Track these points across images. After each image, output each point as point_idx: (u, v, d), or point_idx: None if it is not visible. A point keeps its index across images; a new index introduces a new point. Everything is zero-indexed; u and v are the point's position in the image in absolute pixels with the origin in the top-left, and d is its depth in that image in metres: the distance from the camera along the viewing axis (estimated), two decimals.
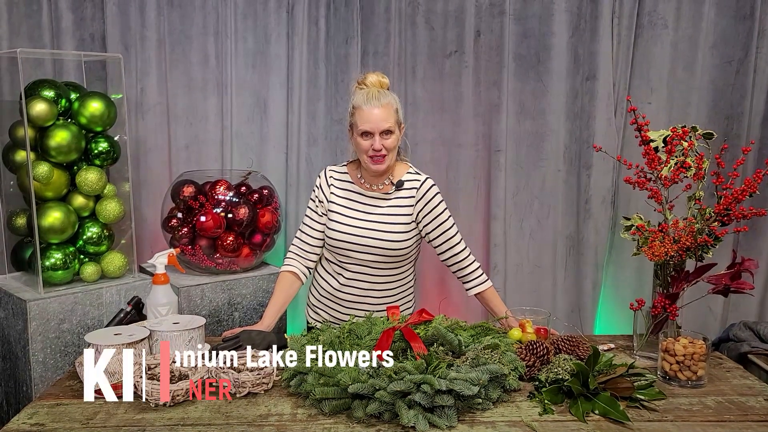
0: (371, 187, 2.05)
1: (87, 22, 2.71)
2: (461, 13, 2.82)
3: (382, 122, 1.91)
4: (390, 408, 1.40)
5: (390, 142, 1.94)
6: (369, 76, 1.98)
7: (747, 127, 2.84)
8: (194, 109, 2.82)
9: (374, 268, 2.05)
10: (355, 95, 1.98)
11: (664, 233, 1.78)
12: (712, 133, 1.88)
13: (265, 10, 2.79)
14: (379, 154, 1.94)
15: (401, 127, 2.00)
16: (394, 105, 1.95)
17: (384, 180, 2.05)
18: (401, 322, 1.68)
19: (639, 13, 2.80)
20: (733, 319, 2.91)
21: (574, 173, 2.93)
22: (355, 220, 2.03)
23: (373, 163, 1.95)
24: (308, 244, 2.11)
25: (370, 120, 1.91)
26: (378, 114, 1.91)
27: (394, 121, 1.94)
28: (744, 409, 1.51)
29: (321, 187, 2.10)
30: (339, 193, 2.07)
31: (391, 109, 1.93)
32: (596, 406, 1.47)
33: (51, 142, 2.27)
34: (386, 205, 2.03)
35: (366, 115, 1.92)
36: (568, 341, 1.75)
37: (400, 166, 2.08)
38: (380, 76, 1.99)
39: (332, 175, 2.10)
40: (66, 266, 2.34)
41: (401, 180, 2.04)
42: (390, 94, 1.97)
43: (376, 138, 1.92)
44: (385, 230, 2.00)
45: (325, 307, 2.14)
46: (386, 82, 1.99)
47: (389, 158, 1.96)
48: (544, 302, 2.96)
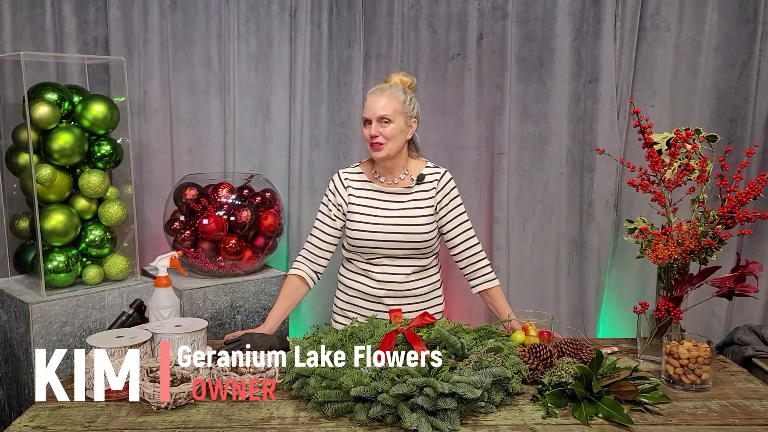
0: (388, 181, 2.09)
1: (90, 25, 2.71)
2: (464, 16, 2.82)
3: (379, 109, 1.97)
4: (393, 411, 1.40)
5: (388, 130, 1.98)
6: (393, 76, 2.08)
7: (750, 130, 2.83)
8: (197, 112, 2.82)
9: (403, 264, 2.08)
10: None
11: (668, 236, 1.78)
12: (715, 135, 1.88)
13: (267, 13, 2.79)
14: (375, 141, 1.98)
15: (411, 121, 2.04)
16: (400, 97, 2.00)
17: (399, 174, 2.09)
18: (404, 325, 1.68)
19: (641, 15, 2.80)
20: (737, 322, 2.89)
21: (577, 176, 2.92)
22: (379, 218, 2.05)
23: (372, 150, 2.00)
24: (319, 248, 2.12)
25: (369, 107, 1.99)
26: (376, 101, 1.98)
27: (393, 110, 1.98)
28: (749, 413, 1.50)
29: (337, 192, 2.11)
30: (358, 193, 2.09)
31: (393, 99, 1.98)
32: (600, 410, 1.46)
33: (54, 145, 2.27)
34: (408, 200, 2.07)
35: (367, 103, 2.01)
36: (572, 344, 1.74)
37: (417, 162, 2.13)
38: (403, 75, 2.08)
39: (347, 177, 2.12)
40: (68, 269, 2.34)
41: (422, 174, 2.09)
42: (399, 88, 2.02)
43: (373, 124, 1.98)
44: (409, 224, 2.04)
45: (356, 308, 2.14)
46: (407, 81, 2.07)
47: (388, 147, 1.99)
48: (547, 305, 2.95)
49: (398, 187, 2.08)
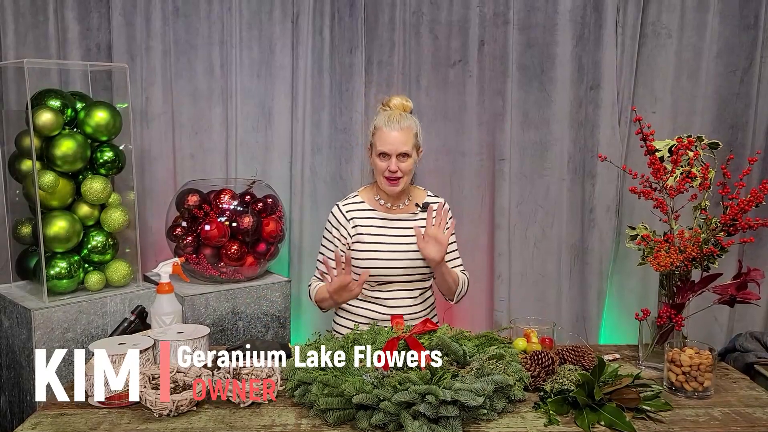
0: (392, 207, 2.08)
1: (93, 32, 2.72)
2: (465, 23, 2.83)
3: (401, 145, 1.96)
4: (395, 419, 1.40)
5: (406, 165, 1.98)
6: (393, 99, 2.04)
7: (752, 137, 2.84)
8: (199, 119, 2.83)
9: (411, 287, 2.08)
10: (377, 116, 2.03)
11: (670, 243, 1.78)
12: (717, 142, 1.88)
13: (270, 20, 2.80)
14: (394, 176, 1.98)
15: (419, 151, 2.05)
16: (414, 129, 2.00)
17: (404, 200, 2.10)
18: (405, 332, 1.68)
19: (643, 22, 2.80)
20: (739, 329, 2.89)
21: (578, 182, 2.93)
22: (390, 245, 2.05)
23: (389, 184, 2.00)
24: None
25: (389, 141, 1.96)
26: (397, 137, 1.96)
27: (412, 145, 1.98)
28: (751, 421, 1.50)
29: (341, 226, 2.07)
30: (363, 222, 2.07)
31: (410, 133, 1.98)
32: (602, 417, 1.46)
33: (57, 151, 2.28)
34: (414, 225, 2.05)
35: (385, 137, 1.96)
36: (574, 351, 1.74)
37: (417, 191, 2.15)
38: (404, 99, 2.05)
39: (349, 209, 2.08)
40: (71, 275, 2.34)
41: (426, 202, 2.10)
42: (411, 118, 2.02)
43: (393, 160, 1.96)
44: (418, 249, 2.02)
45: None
46: (409, 106, 2.05)
47: (404, 181, 2.00)
48: (549, 311, 2.95)
49: (403, 213, 2.09)
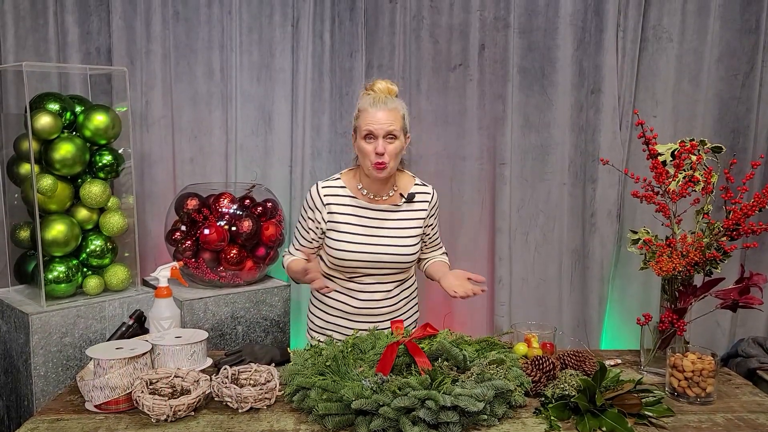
0: (375, 198, 1.98)
1: (93, 35, 2.72)
2: (466, 27, 2.83)
3: (387, 124, 1.85)
4: (394, 424, 1.38)
5: (393, 147, 1.87)
6: (378, 83, 1.93)
7: (753, 141, 2.83)
8: (199, 122, 2.83)
9: (386, 281, 2.03)
10: (361, 99, 1.93)
11: (672, 248, 1.77)
12: (720, 146, 1.87)
13: (270, 23, 2.80)
14: (381, 159, 1.86)
15: (407, 136, 1.95)
16: (401, 111, 1.90)
17: (389, 191, 2.00)
18: (405, 336, 1.67)
19: (644, 26, 2.80)
20: (742, 334, 2.88)
21: (579, 186, 2.92)
22: (365, 237, 1.96)
23: (376, 168, 1.87)
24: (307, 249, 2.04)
25: (375, 121, 1.85)
26: (383, 116, 1.85)
27: (400, 126, 1.88)
28: (754, 426, 1.49)
29: (316, 209, 2.00)
30: (340, 210, 1.98)
31: (397, 114, 1.88)
32: (603, 423, 1.45)
33: (55, 155, 2.27)
34: (396, 218, 1.99)
35: (371, 117, 1.86)
36: (575, 356, 1.73)
37: (405, 177, 2.05)
38: (389, 83, 1.94)
39: (327, 193, 1.99)
40: (69, 279, 2.33)
41: (412, 193, 2.01)
42: (398, 101, 1.92)
43: (380, 141, 1.85)
44: (397, 243, 1.97)
45: (335, 326, 2.06)
46: (394, 89, 1.94)
47: (391, 165, 1.89)
48: (550, 316, 2.94)
49: (385, 204, 1.99)
